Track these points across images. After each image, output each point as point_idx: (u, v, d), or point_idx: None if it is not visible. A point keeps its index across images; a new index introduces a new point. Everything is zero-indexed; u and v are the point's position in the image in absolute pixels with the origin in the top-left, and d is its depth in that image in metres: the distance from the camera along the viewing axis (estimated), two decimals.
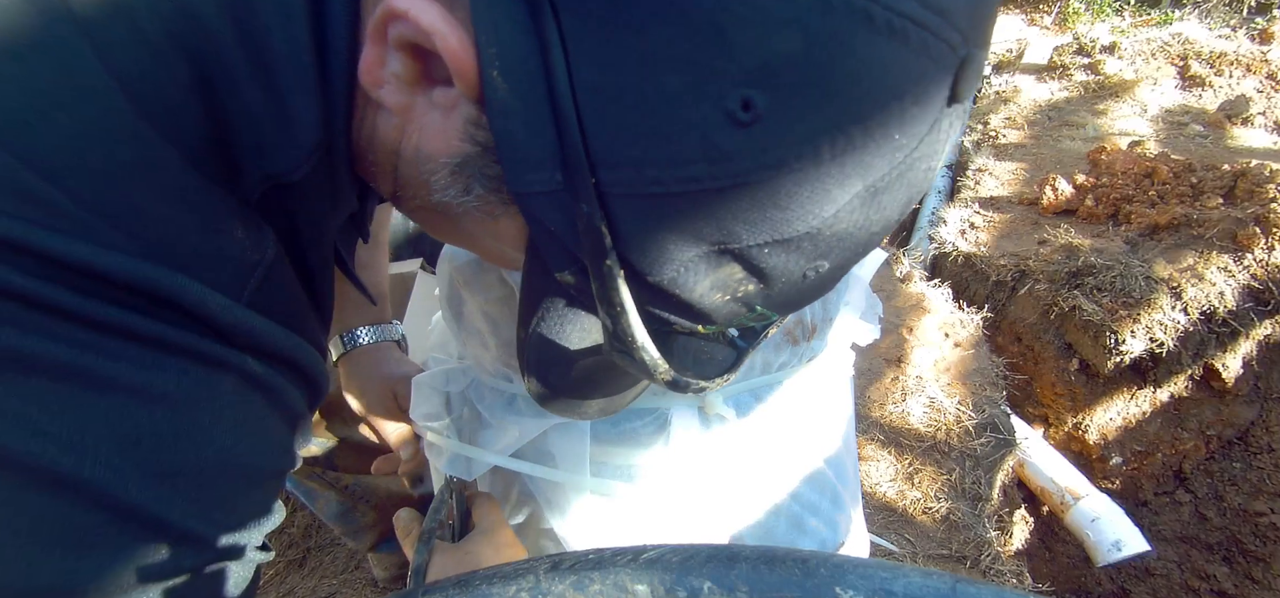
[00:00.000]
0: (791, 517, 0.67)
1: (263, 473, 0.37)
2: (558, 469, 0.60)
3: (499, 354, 0.61)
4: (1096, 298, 1.71)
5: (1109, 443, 1.81)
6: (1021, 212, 2.23)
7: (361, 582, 1.28)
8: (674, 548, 0.30)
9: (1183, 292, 1.67)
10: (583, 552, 0.31)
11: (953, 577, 0.28)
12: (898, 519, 1.29)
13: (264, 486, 0.37)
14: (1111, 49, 3.39)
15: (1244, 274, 1.70)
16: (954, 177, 2.76)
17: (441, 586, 0.30)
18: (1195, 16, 4.04)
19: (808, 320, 0.60)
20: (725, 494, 0.63)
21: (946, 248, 2.13)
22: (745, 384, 0.60)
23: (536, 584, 0.28)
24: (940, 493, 1.33)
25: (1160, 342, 1.65)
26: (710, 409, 0.59)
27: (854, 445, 0.76)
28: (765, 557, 0.29)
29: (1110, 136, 2.58)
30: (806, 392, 0.65)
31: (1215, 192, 1.92)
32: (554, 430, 0.59)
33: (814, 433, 0.67)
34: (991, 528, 1.29)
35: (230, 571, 0.35)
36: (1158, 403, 1.80)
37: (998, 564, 1.21)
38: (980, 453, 1.42)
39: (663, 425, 0.59)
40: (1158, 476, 1.84)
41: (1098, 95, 3.02)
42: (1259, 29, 3.57)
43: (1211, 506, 1.80)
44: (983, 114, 3.08)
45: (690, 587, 0.28)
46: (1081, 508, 1.49)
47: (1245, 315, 1.69)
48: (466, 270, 0.60)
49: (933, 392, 1.54)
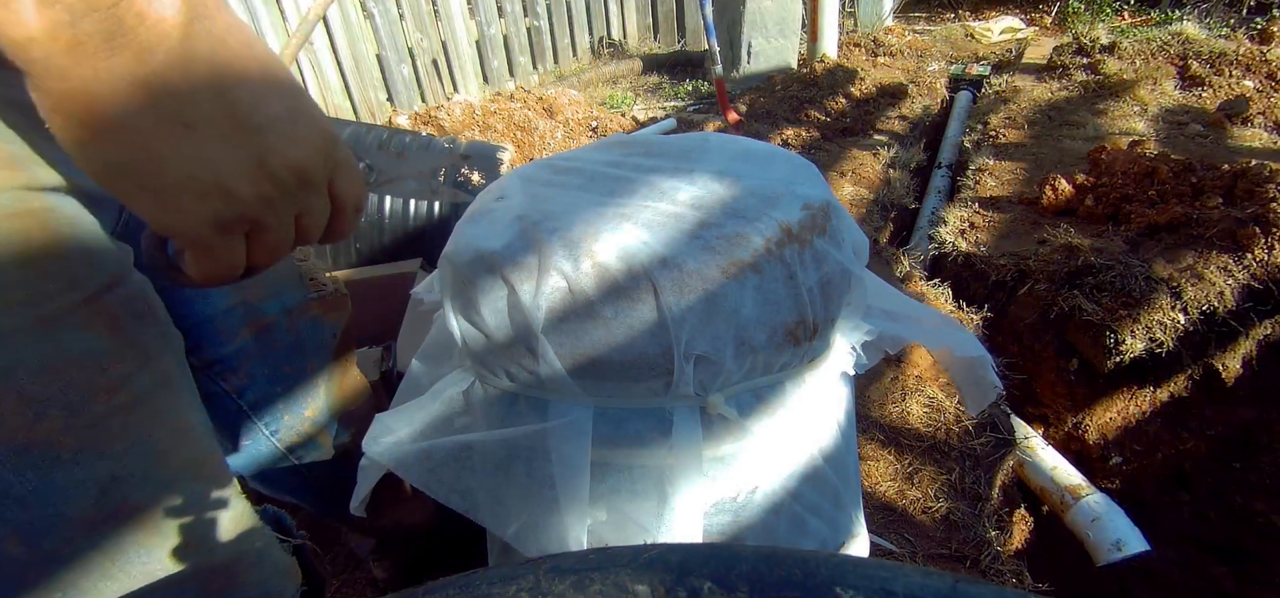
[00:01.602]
0: (792, 517, 0.67)
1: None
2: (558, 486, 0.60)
3: (500, 354, 0.61)
4: (1096, 298, 1.71)
5: (1109, 443, 1.81)
6: (1021, 211, 2.23)
7: (362, 582, 1.28)
8: (674, 548, 0.30)
9: (1183, 292, 1.67)
10: (583, 552, 0.31)
11: (953, 577, 0.28)
12: (898, 519, 1.29)
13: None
14: (1111, 49, 3.39)
15: (1244, 274, 1.70)
16: (954, 176, 2.76)
17: (442, 586, 0.30)
18: (1195, 16, 4.04)
19: (809, 320, 0.60)
20: (726, 494, 0.63)
21: (946, 248, 2.13)
22: (747, 384, 0.60)
23: (536, 584, 0.28)
24: (940, 493, 1.33)
25: (1160, 342, 1.65)
26: (712, 409, 0.59)
27: (855, 445, 0.76)
28: (765, 557, 0.29)
29: (1110, 136, 2.58)
30: (808, 391, 0.65)
31: (1215, 191, 1.91)
32: (554, 432, 0.59)
33: (815, 433, 0.67)
34: (991, 528, 1.29)
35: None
36: (1158, 403, 1.80)
37: (998, 564, 1.21)
38: (980, 453, 1.42)
39: (665, 425, 0.59)
40: (1158, 476, 1.84)
41: (1098, 95, 3.01)
42: (1259, 29, 3.57)
43: (1211, 505, 1.80)
44: (983, 114, 3.08)
45: (690, 587, 0.28)
46: (1081, 508, 1.49)
47: (1245, 315, 1.69)
48: (468, 270, 0.60)
49: (932, 392, 1.54)
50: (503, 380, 0.63)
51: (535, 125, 3.15)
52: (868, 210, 2.46)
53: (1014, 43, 4.34)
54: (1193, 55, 3.16)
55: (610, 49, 4.99)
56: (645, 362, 0.55)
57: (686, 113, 3.66)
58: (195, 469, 0.51)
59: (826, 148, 2.98)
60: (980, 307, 1.81)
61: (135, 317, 0.48)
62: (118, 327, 0.46)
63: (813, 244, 0.60)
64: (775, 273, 0.57)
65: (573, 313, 0.55)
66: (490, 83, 4.36)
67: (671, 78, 4.61)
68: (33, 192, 0.42)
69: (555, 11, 4.60)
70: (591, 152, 0.75)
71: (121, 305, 0.47)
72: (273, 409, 0.79)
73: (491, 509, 0.64)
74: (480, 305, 0.59)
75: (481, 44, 4.28)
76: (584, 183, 0.67)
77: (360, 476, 0.69)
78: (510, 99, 3.53)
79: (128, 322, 0.47)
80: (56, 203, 0.44)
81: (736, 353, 0.57)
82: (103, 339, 0.44)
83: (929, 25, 5.01)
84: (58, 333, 0.42)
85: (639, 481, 0.61)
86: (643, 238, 0.57)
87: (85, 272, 0.44)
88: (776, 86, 3.67)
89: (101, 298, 0.45)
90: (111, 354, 0.45)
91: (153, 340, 0.49)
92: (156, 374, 0.49)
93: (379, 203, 1.71)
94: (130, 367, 0.46)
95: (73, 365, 0.43)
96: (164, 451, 0.49)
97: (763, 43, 3.92)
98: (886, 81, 3.57)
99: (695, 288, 0.54)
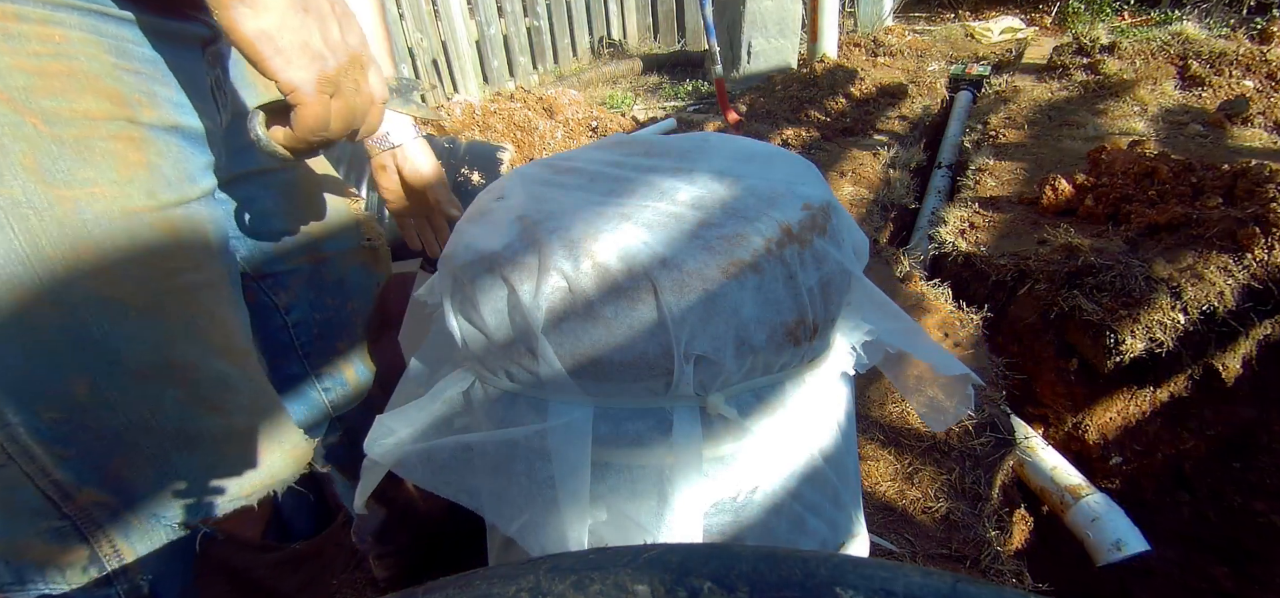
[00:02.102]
0: (792, 517, 0.67)
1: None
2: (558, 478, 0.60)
3: (500, 354, 0.61)
4: (1096, 298, 1.71)
5: (1109, 443, 1.81)
6: (1021, 211, 2.23)
7: (362, 582, 1.28)
8: (674, 548, 0.30)
9: (1183, 292, 1.67)
10: (583, 552, 0.31)
11: (953, 577, 0.28)
12: (898, 519, 1.29)
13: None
14: (1111, 49, 3.39)
15: (1244, 274, 1.70)
16: (954, 176, 2.76)
17: (442, 586, 0.30)
18: (1195, 16, 4.04)
19: (809, 320, 0.60)
20: (726, 494, 0.63)
21: (946, 248, 2.13)
22: (747, 384, 0.60)
23: (536, 584, 0.28)
24: (940, 493, 1.33)
25: (1160, 342, 1.65)
26: (712, 409, 0.59)
27: (855, 445, 0.76)
28: (765, 557, 0.29)
29: (1110, 136, 2.58)
30: (808, 391, 0.65)
31: (1215, 191, 1.91)
32: (554, 432, 0.59)
33: (815, 433, 0.67)
34: (991, 528, 1.29)
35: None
36: (1158, 403, 1.80)
37: (998, 564, 1.21)
38: (980, 453, 1.42)
39: (664, 425, 0.59)
40: (1158, 476, 1.84)
41: (1098, 95, 3.01)
42: (1259, 29, 3.57)
43: (1211, 506, 1.80)
44: (983, 114, 3.08)
45: (690, 587, 0.28)
46: (1081, 508, 1.49)
47: (1245, 315, 1.69)
48: (468, 270, 0.60)
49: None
50: (503, 380, 0.63)
51: (535, 125, 3.15)
52: (868, 210, 2.46)
53: (1014, 43, 4.34)
54: (1193, 55, 3.16)
55: (610, 49, 4.99)
56: (645, 362, 0.55)
57: (686, 113, 3.66)
58: (226, 351, 0.65)
59: (826, 148, 2.98)
60: (980, 307, 1.81)
61: (193, 230, 0.63)
62: (178, 235, 0.61)
63: (813, 244, 0.60)
64: (775, 273, 0.57)
65: (573, 313, 0.55)
66: (490, 83, 4.36)
67: (671, 78, 4.61)
68: (133, 124, 0.58)
69: (555, 11, 4.60)
70: (591, 151, 0.75)
71: (183, 221, 0.62)
72: (312, 338, 0.92)
73: (496, 506, 0.64)
74: (480, 305, 0.59)
75: (481, 44, 4.28)
76: (584, 183, 0.67)
77: (362, 475, 0.69)
78: (510, 99, 3.53)
79: (187, 233, 0.62)
80: (152, 135, 0.60)
81: (736, 353, 0.57)
82: (166, 240, 0.60)
83: (929, 25, 5.01)
84: (134, 226, 0.58)
85: (639, 481, 0.61)
86: (643, 238, 0.57)
87: (162, 189, 0.60)
88: (776, 86, 3.67)
89: (169, 211, 0.60)
90: (170, 253, 0.60)
91: (204, 254, 0.64)
92: (203, 276, 0.64)
93: (379, 204, 1.71)
94: (184, 264, 0.62)
95: (143, 249, 0.58)
96: (203, 328, 0.63)
97: (763, 43, 3.92)
98: (886, 81, 3.58)
99: (695, 288, 0.54)
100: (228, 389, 0.65)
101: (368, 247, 0.96)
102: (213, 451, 0.65)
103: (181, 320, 0.61)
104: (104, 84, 0.56)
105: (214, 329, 0.64)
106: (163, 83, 0.61)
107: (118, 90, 0.57)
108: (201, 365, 0.62)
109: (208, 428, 0.63)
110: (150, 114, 0.59)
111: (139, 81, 0.59)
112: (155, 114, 0.60)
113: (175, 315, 0.61)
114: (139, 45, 0.59)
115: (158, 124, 0.60)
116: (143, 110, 0.59)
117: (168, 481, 0.62)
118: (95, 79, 0.55)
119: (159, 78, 0.61)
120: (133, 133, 0.58)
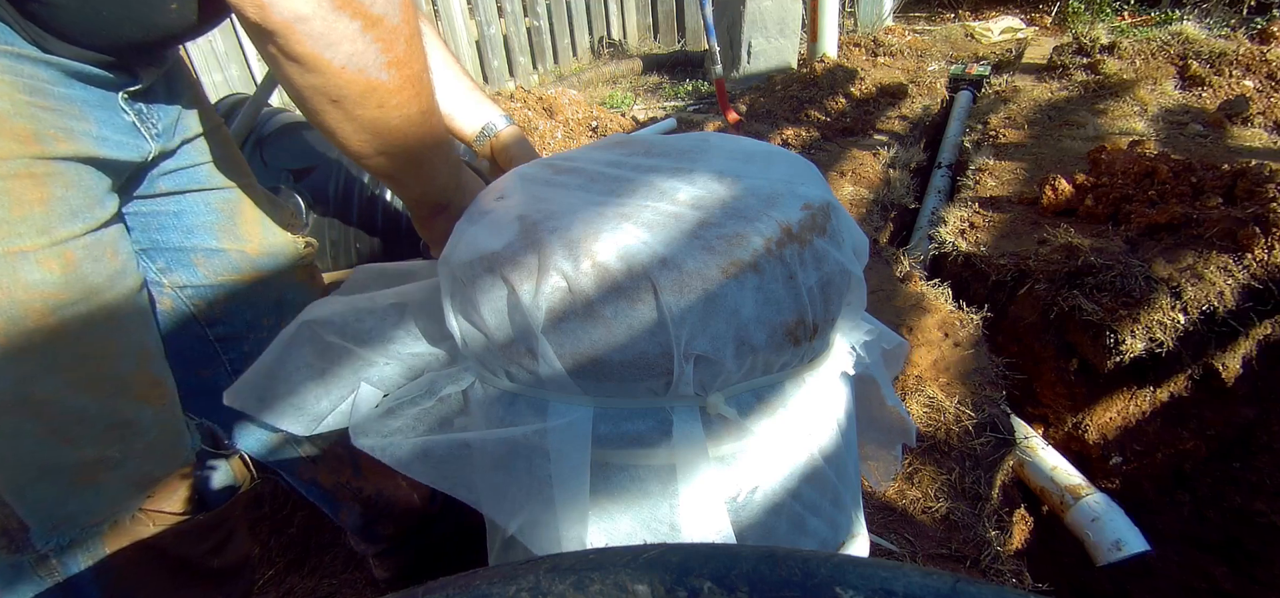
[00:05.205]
0: (792, 517, 0.67)
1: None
2: None
3: (500, 354, 0.61)
4: (1096, 298, 1.71)
5: (1109, 443, 1.81)
6: (1021, 211, 2.23)
7: (361, 582, 1.28)
8: (674, 548, 0.30)
9: (1183, 292, 1.67)
10: (583, 552, 0.31)
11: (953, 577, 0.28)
12: (898, 519, 1.29)
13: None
14: (1111, 49, 3.39)
15: (1244, 274, 1.70)
16: (954, 176, 2.76)
17: (441, 585, 0.30)
18: (1195, 16, 4.04)
19: (809, 320, 0.60)
20: (726, 494, 0.63)
21: (946, 248, 2.13)
22: (747, 384, 0.60)
23: (537, 584, 0.28)
24: (940, 493, 1.33)
25: (1160, 342, 1.65)
26: (712, 409, 0.59)
27: (855, 445, 0.76)
28: (765, 557, 0.29)
29: (1110, 136, 2.58)
30: (808, 391, 0.65)
31: (1215, 191, 1.91)
32: (554, 432, 0.59)
33: (815, 433, 0.67)
34: (991, 528, 1.29)
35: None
36: (1158, 403, 1.80)
37: (998, 564, 1.21)
38: (980, 453, 1.42)
39: (665, 425, 0.59)
40: (1158, 476, 1.84)
41: (1098, 95, 3.01)
42: (1259, 29, 3.57)
43: (1211, 506, 1.80)
44: (983, 114, 3.08)
45: (690, 587, 0.28)
46: (1081, 508, 1.49)
47: (1245, 315, 1.69)
48: (468, 270, 0.60)
49: (932, 392, 1.54)
50: (503, 380, 0.63)
51: (535, 125, 3.14)
52: (868, 210, 2.46)
53: (1014, 43, 4.35)
54: (1193, 55, 3.16)
55: (610, 49, 4.99)
56: (645, 362, 0.55)
57: (686, 113, 3.66)
58: (113, 381, 0.66)
59: (826, 148, 2.98)
60: (980, 306, 1.81)
61: (93, 259, 0.63)
62: (69, 268, 0.61)
63: (813, 244, 0.60)
64: (775, 273, 0.57)
65: (573, 313, 0.55)
66: (490, 83, 4.36)
67: (671, 78, 4.61)
68: (41, 160, 0.58)
69: (555, 11, 4.60)
70: (591, 151, 0.75)
71: (82, 250, 0.62)
72: (242, 355, 0.91)
73: (495, 502, 0.64)
74: (480, 305, 0.59)
75: (481, 44, 4.28)
76: (584, 183, 0.67)
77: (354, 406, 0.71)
78: (510, 99, 3.53)
79: (83, 263, 0.63)
80: (62, 167, 0.60)
81: (736, 353, 0.57)
82: (51, 277, 0.61)
83: (929, 25, 5.01)
84: (17, 265, 0.58)
85: (639, 480, 0.61)
86: (643, 238, 0.57)
87: (62, 223, 0.61)
88: (776, 86, 3.67)
89: (65, 245, 0.61)
90: (55, 288, 0.61)
91: (102, 279, 0.65)
92: (88, 306, 0.64)
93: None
94: (69, 297, 0.62)
95: (21, 287, 0.59)
96: (83, 356, 0.64)
97: (763, 43, 3.92)
98: (886, 81, 3.57)
99: (695, 288, 0.54)
100: (82, 423, 0.65)
101: (304, 266, 0.97)
102: (66, 483, 0.66)
103: (47, 352, 0.62)
104: (12, 123, 0.57)
105: (79, 365, 0.65)
106: (80, 118, 0.63)
107: (28, 128, 0.58)
108: (57, 401, 0.63)
109: (62, 461, 0.65)
110: (66, 147, 0.61)
111: (54, 118, 0.60)
112: (71, 146, 0.61)
113: (42, 348, 0.61)
114: (56, 85, 0.60)
115: (73, 156, 0.61)
116: (57, 144, 0.60)
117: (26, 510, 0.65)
118: (3, 119, 0.56)
119: (76, 114, 0.62)
120: (36, 170, 0.58)
